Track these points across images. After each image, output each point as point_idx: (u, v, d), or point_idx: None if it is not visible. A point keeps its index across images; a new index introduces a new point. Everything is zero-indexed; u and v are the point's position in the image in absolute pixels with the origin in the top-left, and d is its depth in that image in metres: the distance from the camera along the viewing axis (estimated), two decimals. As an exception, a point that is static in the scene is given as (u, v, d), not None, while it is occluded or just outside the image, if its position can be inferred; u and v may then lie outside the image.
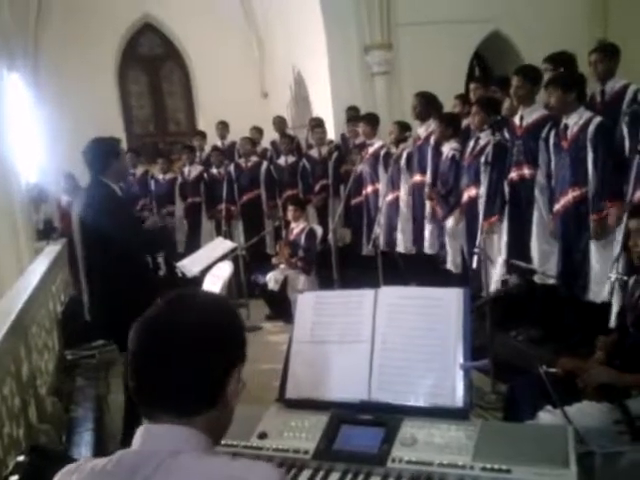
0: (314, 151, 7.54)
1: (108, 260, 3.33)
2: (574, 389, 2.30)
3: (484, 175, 4.68)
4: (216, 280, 4.87)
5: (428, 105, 5.72)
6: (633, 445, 2.08)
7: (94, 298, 3.53)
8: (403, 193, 5.97)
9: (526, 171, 4.43)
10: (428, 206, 5.54)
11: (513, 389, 2.60)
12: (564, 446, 1.51)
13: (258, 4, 10.36)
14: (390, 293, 1.93)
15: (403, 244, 5.98)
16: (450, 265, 5.31)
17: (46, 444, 3.10)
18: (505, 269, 4.47)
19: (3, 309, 3.43)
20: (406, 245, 5.95)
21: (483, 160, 4.69)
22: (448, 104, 5.95)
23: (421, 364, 1.78)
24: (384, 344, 1.85)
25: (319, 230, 6.57)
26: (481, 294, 4.20)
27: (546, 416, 2.16)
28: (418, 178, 5.73)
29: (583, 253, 4.04)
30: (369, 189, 6.50)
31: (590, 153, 3.92)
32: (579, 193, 4.00)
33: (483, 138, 4.84)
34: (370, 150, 6.46)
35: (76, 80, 9.74)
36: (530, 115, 4.45)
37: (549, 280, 4.24)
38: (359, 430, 1.69)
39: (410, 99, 6.00)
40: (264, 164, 7.83)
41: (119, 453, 1.10)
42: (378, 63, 7.75)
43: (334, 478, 1.58)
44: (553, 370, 2.30)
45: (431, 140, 5.56)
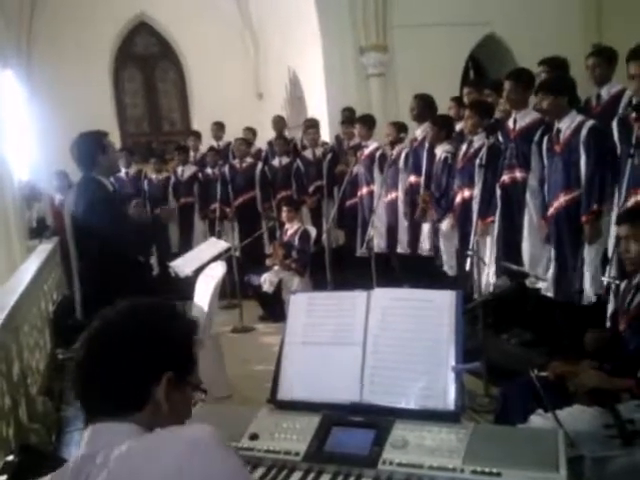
0: (308, 152, 7.52)
1: (99, 257, 3.31)
2: (565, 393, 2.31)
3: (478, 177, 4.69)
4: (209, 280, 4.85)
5: (426, 107, 5.74)
6: (624, 449, 2.08)
7: (86, 296, 3.51)
8: (401, 194, 5.98)
9: (518, 174, 4.44)
10: (419, 208, 5.55)
11: (505, 393, 2.61)
12: (555, 450, 1.51)
13: (254, 4, 10.35)
14: (383, 295, 1.92)
15: (401, 245, 5.99)
16: (446, 267, 5.32)
17: (36, 444, 3.08)
18: (497, 272, 4.48)
19: (-6, 308, 3.40)
20: (404, 246, 5.96)
21: (478, 162, 4.69)
22: (443, 106, 5.97)
23: (413, 366, 1.78)
24: (376, 346, 1.84)
25: (313, 231, 6.57)
26: (473, 296, 4.21)
27: (537, 420, 2.17)
28: (413, 179, 5.75)
29: (576, 257, 4.06)
30: (364, 190, 6.50)
31: (583, 157, 3.93)
32: (571, 197, 4.01)
33: (476, 141, 4.86)
34: (366, 151, 6.46)
35: (70, 78, 9.69)
36: (523, 119, 4.47)
37: (540, 283, 4.25)
38: (350, 432, 1.68)
39: (405, 101, 6.03)
40: (259, 165, 7.81)
41: (66, 464, 1.13)
42: (373, 65, 7.76)
43: (325, 480, 1.57)
44: (544, 374, 2.31)
45: (426, 142, 5.58)
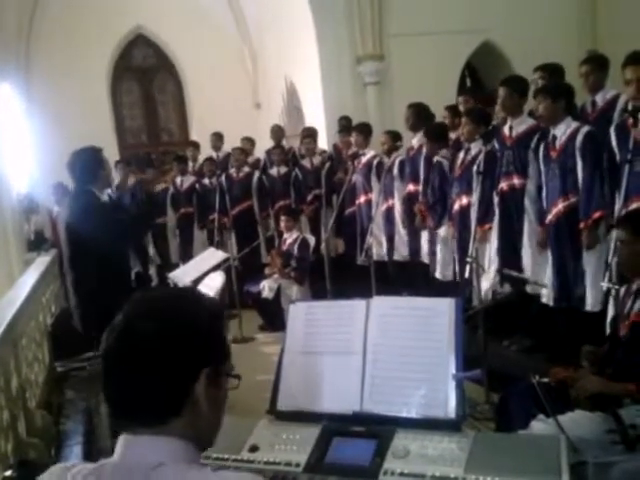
0: (306, 161, 7.54)
1: (92, 268, 3.32)
2: (567, 399, 2.30)
3: (476, 184, 4.69)
4: (208, 291, 4.85)
5: (420, 116, 5.77)
6: (626, 455, 2.07)
7: (80, 307, 3.51)
8: (397, 202, 5.98)
9: (516, 181, 4.44)
10: (418, 217, 5.58)
11: (504, 398, 2.59)
12: (557, 456, 1.50)
13: (251, 15, 10.41)
14: (382, 303, 1.91)
15: (399, 252, 5.98)
16: (438, 274, 5.32)
17: (35, 458, 3.05)
18: (497, 278, 4.47)
19: (-8, 321, 3.39)
20: (402, 253, 5.96)
21: (475, 169, 4.70)
22: (440, 114, 5.98)
23: (413, 375, 1.76)
24: (376, 355, 1.83)
25: (312, 240, 6.56)
26: (472, 303, 4.20)
27: (539, 426, 2.16)
28: (412, 188, 5.75)
29: (577, 263, 4.05)
30: (362, 199, 6.51)
31: (579, 162, 3.94)
32: (569, 203, 4.02)
33: (473, 148, 4.86)
34: (363, 160, 6.46)
35: (68, 90, 9.72)
36: (519, 125, 4.48)
37: (541, 289, 4.24)
38: (351, 442, 1.66)
39: (402, 109, 6.04)
40: (255, 174, 7.82)
41: (100, 463, 1.07)
42: (370, 74, 7.78)
43: (326, 491, 1.56)
44: (545, 380, 2.30)
45: (423, 150, 5.59)
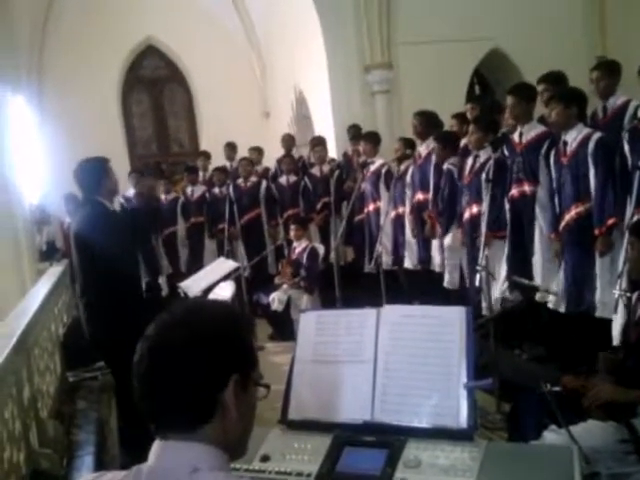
0: (315, 169, 7.56)
1: (98, 275, 3.35)
2: (579, 408, 2.27)
3: (486, 192, 4.68)
4: (218, 300, 4.87)
5: (428, 124, 5.77)
6: (640, 465, 2.05)
7: (89, 316, 3.53)
8: (408, 210, 5.98)
9: (527, 188, 4.43)
10: (428, 225, 5.57)
11: (515, 408, 2.57)
12: (570, 467, 1.48)
13: (259, 25, 10.49)
14: (392, 312, 1.91)
15: (409, 260, 5.97)
16: (446, 282, 5.30)
17: (47, 469, 3.06)
18: (507, 286, 4.45)
19: (6, 331, 3.41)
20: (412, 262, 5.95)
21: (484, 177, 4.68)
22: (449, 122, 5.99)
23: (424, 384, 1.76)
24: (387, 364, 1.83)
25: (321, 249, 6.56)
26: (481, 312, 4.18)
27: (551, 436, 2.14)
28: (420, 197, 5.74)
29: (589, 269, 4.03)
30: (371, 207, 6.51)
31: (591, 169, 3.92)
32: (582, 209, 4.00)
33: (482, 156, 4.85)
34: (371, 168, 6.47)
35: (79, 102, 9.84)
36: (529, 132, 4.47)
37: (550, 297, 4.22)
38: (362, 452, 1.66)
39: (410, 117, 6.04)
40: (263, 183, 7.84)
41: (134, 469, 1.09)
42: (379, 82, 7.80)
43: (337, 501, 1.56)
44: (557, 389, 2.28)
45: (432, 158, 5.59)
